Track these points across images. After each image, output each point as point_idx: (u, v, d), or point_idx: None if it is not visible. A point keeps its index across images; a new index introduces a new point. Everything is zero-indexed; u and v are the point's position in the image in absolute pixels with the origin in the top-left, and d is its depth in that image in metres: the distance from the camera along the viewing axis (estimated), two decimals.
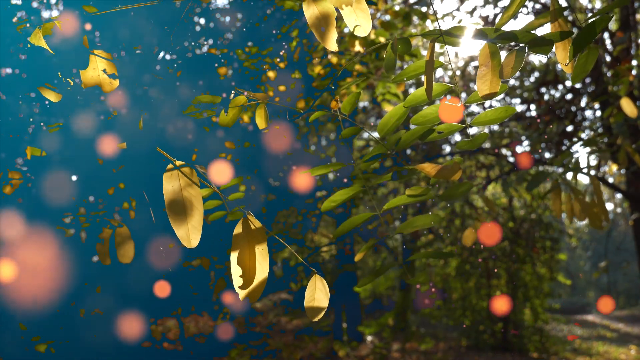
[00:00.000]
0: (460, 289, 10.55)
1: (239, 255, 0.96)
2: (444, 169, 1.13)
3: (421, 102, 1.17)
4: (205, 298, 7.18)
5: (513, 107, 1.21)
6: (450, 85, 1.17)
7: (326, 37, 1.06)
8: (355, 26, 1.04)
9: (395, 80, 1.15)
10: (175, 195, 0.99)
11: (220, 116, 1.39)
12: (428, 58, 1.03)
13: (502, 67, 1.10)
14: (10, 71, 5.89)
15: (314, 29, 1.05)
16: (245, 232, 0.98)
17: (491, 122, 1.20)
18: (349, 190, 1.24)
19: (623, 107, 2.52)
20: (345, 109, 1.21)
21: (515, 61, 1.10)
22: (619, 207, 26.88)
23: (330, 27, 1.05)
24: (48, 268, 6.23)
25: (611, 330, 15.08)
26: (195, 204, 0.99)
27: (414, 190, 1.18)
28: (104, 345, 6.65)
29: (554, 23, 1.16)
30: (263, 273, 0.97)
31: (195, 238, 1.00)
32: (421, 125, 1.18)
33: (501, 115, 1.20)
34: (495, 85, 1.09)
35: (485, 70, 1.10)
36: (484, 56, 1.11)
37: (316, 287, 1.06)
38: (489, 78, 1.09)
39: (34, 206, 6.07)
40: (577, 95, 8.58)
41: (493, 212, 3.35)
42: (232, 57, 6.32)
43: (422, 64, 1.14)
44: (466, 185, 1.18)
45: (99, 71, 1.84)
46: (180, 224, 0.99)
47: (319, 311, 1.08)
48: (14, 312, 5.97)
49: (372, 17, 1.10)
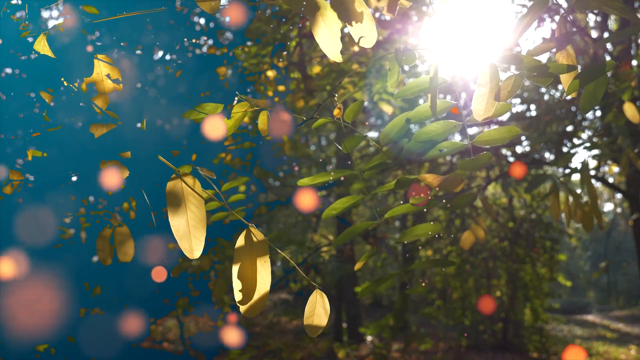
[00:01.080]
0: (460, 289, 10.55)
1: (239, 269, 0.95)
2: (446, 180, 1.13)
3: (426, 118, 1.16)
4: (206, 298, 7.18)
5: (517, 128, 1.19)
6: (454, 102, 1.16)
7: (332, 50, 1.06)
8: (360, 37, 1.04)
9: (398, 96, 1.14)
10: (178, 209, 0.98)
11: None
12: (432, 75, 1.02)
13: (499, 89, 1.08)
14: (10, 71, 5.88)
15: (320, 42, 1.05)
16: (248, 245, 0.97)
17: (494, 142, 1.19)
18: (350, 198, 1.24)
19: (625, 111, 2.51)
20: (348, 118, 1.21)
21: (512, 86, 1.08)
22: (619, 207, 26.88)
23: (336, 40, 1.04)
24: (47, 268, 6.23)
25: (611, 330, 15.09)
26: (199, 217, 0.99)
27: (417, 200, 1.17)
28: (104, 345, 6.65)
29: (561, 51, 1.13)
30: (264, 287, 0.96)
31: (198, 249, 0.99)
32: (424, 141, 1.17)
33: (504, 135, 1.18)
34: (490, 107, 1.07)
35: (482, 90, 1.08)
36: (484, 76, 1.09)
37: (316, 302, 1.05)
38: (486, 99, 1.08)
39: (34, 206, 6.07)
40: (577, 95, 8.56)
41: (492, 214, 3.35)
42: (231, 57, 6.31)
43: (425, 80, 1.13)
44: (469, 196, 1.17)
45: (103, 76, 1.83)
46: (184, 236, 0.98)
47: (318, 329, 1.06)
48: (13, 312, 5.98)
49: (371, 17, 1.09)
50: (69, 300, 6.46)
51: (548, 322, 10.63)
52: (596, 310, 23.04)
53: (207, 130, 1.35)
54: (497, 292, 10.44)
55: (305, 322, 1.06)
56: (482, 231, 3.26)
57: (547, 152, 8.78)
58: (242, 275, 0.95)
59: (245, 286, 0.95)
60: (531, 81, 1.08)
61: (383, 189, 1.27)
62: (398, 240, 1.27)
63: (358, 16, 1.00)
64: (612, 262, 23.34)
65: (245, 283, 0.95)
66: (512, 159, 9.10)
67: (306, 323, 1.06)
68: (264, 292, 0.97)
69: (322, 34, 1.04)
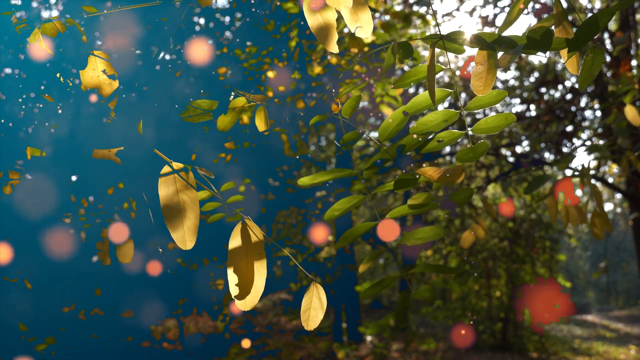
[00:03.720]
0: (460, 289, 10.55)
1: (235, 264, 0.95)
2: (446, 172, 1.13)
3: (423, 108, 1.16)
4: (206, 298, 7.18)
5: (513, 115, 1.20)
6: (452, 90, 1.16)
7: (328, 41, 1.06)
8: (357, 27, 1.04)
9: (396, 85, 1.14)
10: (170, 199, 0.99)
11: (219, 120, 1.38)
12: (429, 63, 1.03)
13: (497, 60, 1.10)
14: (10, 71, 5.89)
15: (316, 33, 1.05)
16: (244, 240, 0.97)
17: (492, 129, 1.19)
18: (351, 199, 1.24)
19: (626, 113, 2.51)
20: (346, 113, 1.21)
21: (509, 58, 1.10)
22: (619, 207, 26.88)
23: (331, 31, 1.04)
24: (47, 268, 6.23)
25: (611, 330, 15.09)
26: (192, 207, 0.99)
27: (416, 200, 1.17)
28: (104, 345, 6.65)
29: (559, 27, 1.16)
30: (260, 281, 0.96)
31: (191, 240, 1.00)
32: (422, 133, 1.18)
33: (501, 122, 1.19)
34: (490, 82, 1.09)
35: (481, 68, 1.10)
36: (481, 56, 1.11)
37: (313, 295, 1.05)
38: (485, 76, 1.10)
39: (33, 206, 6.06)
40: (577, 95, 8.57)
41: (491, 214, 3.35)
42: (231, 57, 6.31)
43: (423, 69, 1.13)
44: (467, 191, 1.17)
45: (99, 72, 1.84)
46: (176, 227, 0.99)
47: (315, 321, 1.06)
48: (14, 312, 5.98)
49: (371, 17, 1.09)
50: (69, 300, 6.46)
51: (548, 322, 10.62)
52: (596, 310, 23.04)
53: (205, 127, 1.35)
54: (497, 292, 10.44)
55: (302, 315, 1.06)
56: (482, 231, 3.26)
57: (547, 152, 8.79)
58: (237, 269, 0.95)
59: (241, 280, 0.95)
60: (529, 54, 1.10)
61: (383, 189, 1.27)
62: (400, 242, 1.27)
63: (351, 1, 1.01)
64: (611, 262, 23.36)
65: (241, 277, 0.95)
66: (512, 159, 9.10)
67: (303, 316, 1.06)
68: (259, 287, 0.97)
69: (314, 19, 1.04)
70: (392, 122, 1.18)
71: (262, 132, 1.38)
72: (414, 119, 6.61)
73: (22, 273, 5.81)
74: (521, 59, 8.80)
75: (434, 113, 1.17)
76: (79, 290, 6.45)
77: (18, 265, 5.74)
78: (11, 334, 5.93)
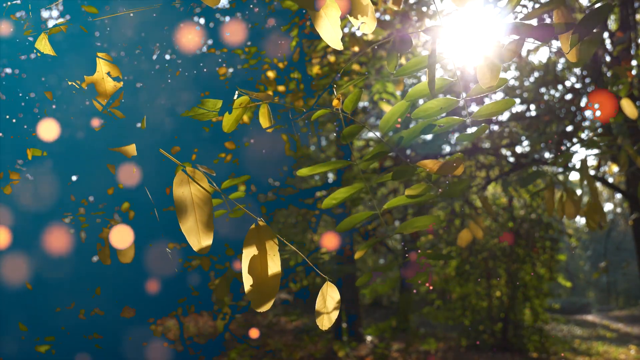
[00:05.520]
0: (460, 289, 10.56)
1: (250, 265, 0.95)
2: (446, 164, 1.13)
3: (423, 97, 1.16)
4: (205, 298, 7.18)
5: (513, 100, 1.21)
6: (452, 79, 1.17)
7: (332, 37, 1.06)
8: (361, 23, 1.04)
9: (397, 74, 1.14)
10: (185, 204, 0.98)
11: (224, 119, 1.38)
12: (430, 51, 1.03)
13: (503, 51, 1.11)
14: (10, 71, 5.89)
15: (320, 30, 1.05)
16: (258, 242, 0.97)
17: (492, 114, 1.20)
18: (350, 188, 1.24)
19: (623, 108, 2.51)
20: (347, 107, 1.21)
21: (515, 49, 1.11)
22: (619, 207, 26.88)
23: (335, 27, 1.05)
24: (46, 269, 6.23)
25: (611, 330, 15.09)
26: (206, 210, 0.99)
27: (414, 190, 1.18)
28: (104, 345, 6.64)
29: (557, 11, 1.16)
30: (275, 281, 0.96)
31: (206, 240, 0.99)
32: (422, 119, 1.18)
33: (501, 107, 1.20)
34: (496, 74, 1.09)
35: (487, 61, 1.11)
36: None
37: (327, 294, 1.06)
38: (491, 68, 1.10)
39: (33, 206, 6.06)
40: (577, 95, 8.58)
41: (491, 214, 3.35)
42: (231, 57, 6.31)
43: (424, 59, 1.14)
44: (464, 182, 1.18)
45: (104, 74, 1.84)
46: (191, 231, 0.98)
47: (330, 321, 1.07)
48: (13, 312, 5.97)
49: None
50: (69, 300, 6.46)
51: (548, 322, 10.63)
52: (596, 310, 23.04)
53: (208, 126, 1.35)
54: (497, 292, 10.45)
55: (317, 315, 1.07)
56: (480, 230, 3.26)
57: (547, 152, 8.80)
58: (252, 270, 0.95)
59: (257, 281, 0.95)
60: (533, 41, 1.11)
61: (382, 179, 1.27)
62: (398, 231, 1.27)
63: None
64: (611, 262, 23.35)
65: (256, 277, 0.95)
66: (512, 159, 9.11)
67: (317, 316, 1.07)
68: (275, 285, 0.97)
69: (318, 15, 1.04)
70: (394, 115, 1.18)
71: (266, 129, 1.38)
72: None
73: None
74: (521, 59, 8.81)
75: (436, 100, 1.17)
76: (79, 290, 6.45)
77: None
78: (11, 334, 5.93)
